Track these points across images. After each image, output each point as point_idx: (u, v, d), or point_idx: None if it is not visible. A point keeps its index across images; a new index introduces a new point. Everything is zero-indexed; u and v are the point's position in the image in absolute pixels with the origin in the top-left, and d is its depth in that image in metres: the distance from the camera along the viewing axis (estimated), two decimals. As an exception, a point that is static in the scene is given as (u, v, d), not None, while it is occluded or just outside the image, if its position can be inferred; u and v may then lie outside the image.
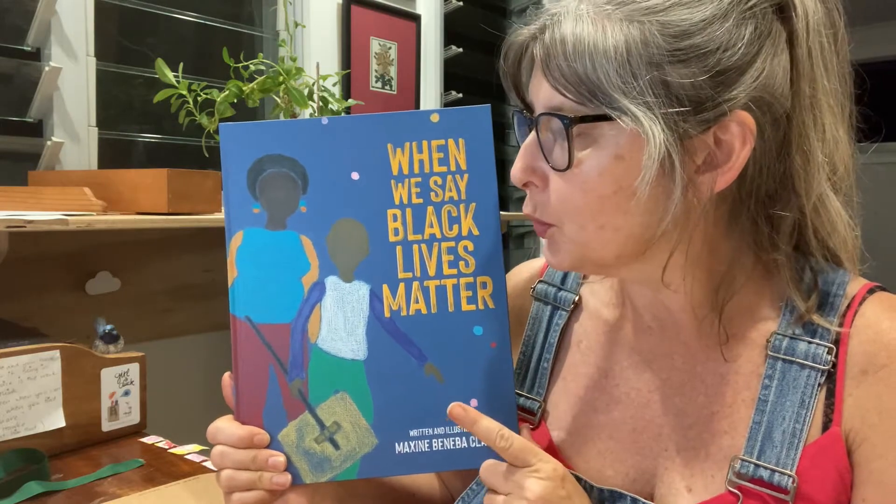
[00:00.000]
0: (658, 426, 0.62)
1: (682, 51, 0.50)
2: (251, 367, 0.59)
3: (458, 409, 0.57)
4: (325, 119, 0.60)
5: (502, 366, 0.59)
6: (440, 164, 0.60)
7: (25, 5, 1.33)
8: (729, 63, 0.50)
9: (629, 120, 0.50)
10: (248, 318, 0.59)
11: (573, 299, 0.70)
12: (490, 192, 0.60)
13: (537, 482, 0.54)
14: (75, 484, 0.90)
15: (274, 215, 0.59)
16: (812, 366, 0.56)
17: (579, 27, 0.51)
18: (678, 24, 0.50)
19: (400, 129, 0.60)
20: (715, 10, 0.51)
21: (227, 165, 0.60)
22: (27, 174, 1.30)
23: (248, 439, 0.58)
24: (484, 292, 0.60)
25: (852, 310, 0.57)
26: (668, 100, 0.50)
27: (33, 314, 1.23)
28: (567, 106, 0.53)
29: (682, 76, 0.50)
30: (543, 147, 0.55)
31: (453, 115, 0.60)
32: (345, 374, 0.59)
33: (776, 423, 0.56)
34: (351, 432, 0.59)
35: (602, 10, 0.51)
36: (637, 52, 0.50)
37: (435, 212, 0.60)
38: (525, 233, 2.56)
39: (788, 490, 0.53)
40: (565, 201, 0.55)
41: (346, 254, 0.59)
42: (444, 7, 2.14)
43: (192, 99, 1.29)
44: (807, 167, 0.54)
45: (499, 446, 0.56)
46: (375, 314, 0.59)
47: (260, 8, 1.84)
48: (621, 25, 0.50)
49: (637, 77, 0.50)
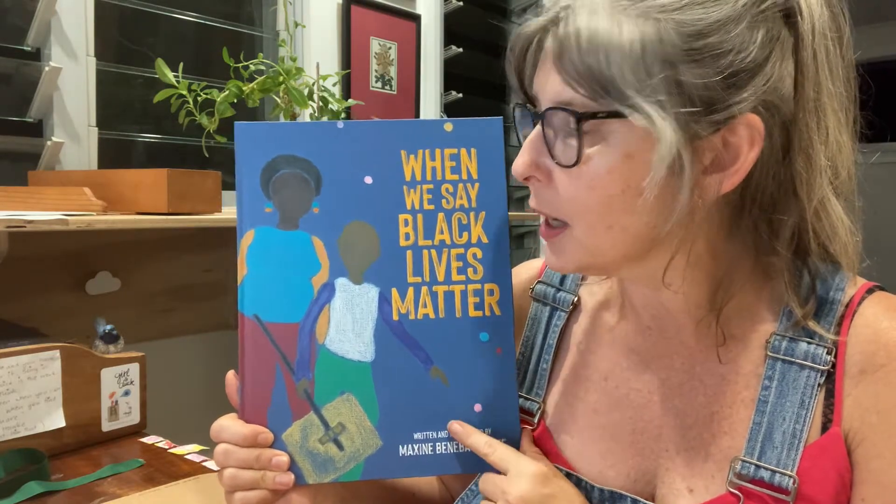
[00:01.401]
0: (658, 427, 0.62)
1: (697, 50, 0.50)
2: (257, 365, 0.59)
3: (457, 426, 0.60)
4: (340, 123, 0.61)
5: (506, 372, 0.60)
6: (452, 173, 0.61)
7: (25, 5, 1.33)
8: (741, 65, 0.50)
9: (642, 118, 0.50)
10: (256, 316, 0.59)
11: (572, 300, 0.70)
12: (500, 201, 0.61)
13: (517, 484, 0.55)
14: (75, 484, 0.90)
15: (286, 215, 0.60)
16: (812, 366, 0.56)
17: (594, 21, 0.51)
18: (693, 24, 0.50)
19: (414, 137, 0.61)
20: (730, 11, 0.50)
21: (241, 164, 0.60)
22: (27, 174, 1.30)
23: (252, 438, 0.58)
24: (491, 299, 0.61)
25: (851, 310, 0.57)
26: (681, 99, 0.50)
27: (33, 314, 1.23)
28: (577, 101, 0.52)
29: (696, 76, 0.50)
30: (549, 142, 0.55)
31: (466, 126, 0.61)
32: (351, 375, 0.59)
33: (776, 424, 0.56)
34: (355, 434, 0.59)
35: (618, 4, 0.51)
36: (652, 50, 0.49)
37: (445, 218, 0.61)
38: (525, 233, 2.56)
39: (789, 491, 0.53)
40: (573, 199, 0.54)
41: (356, 256, 0.60)
42: (444, 7, 2.14)
43: (192, 99, 1.28)
44: (809, 171, 0.54)
45: (483, 452, 0.58)
46: (384, 317, 0.60)
47: (260, 8, 1.84)
48: (637, 22, 0.50)
49: (651, 75, 0.49)
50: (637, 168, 0.52)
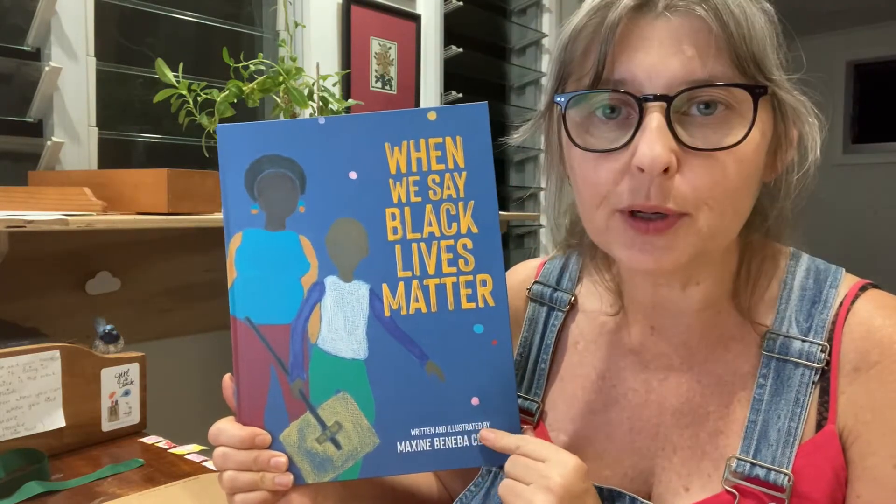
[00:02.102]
0: (655, 426, 0.62)
1: (781, 37, 0.54)
2: (252, 367, 0.59)
3: (489, 434, 0.58)
4: (322, 119, 0.60)
5: (503, 363, 0.59)
6: (438, 163, 0.59)
7: (25, 5, 1.33)
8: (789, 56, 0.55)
9: (792, 97, 0.53)
10: (248, 318, 0.59)
11: (569, 300, 0.70)
12: (489, 189, 0.59)
13: (562, 472, 0.53)
14: (75, 484, 0.90)
15: (273, 216, 0.59)
16: (806, 364, 0.56)
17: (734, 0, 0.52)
18: (773, 13, 0.54)
19: (397, 128, 0.60)
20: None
21: (224, 167, 0.60)
22: (27, 174, 1.30)
23: (250, 440, 0.58)
24: (484, 290, 0.59)
25: (845, 308, 0.57)
26: (787, 78, 0.54)
27: (33, 314, 1.23)
28: (728, 78, 0.51)
29: (785, 59, 0.54)
30: (680, 127, 0.52)
31: (450, 113, 0.60)
32: (346, 373, 0.59)
33: (771, 422, 0.56)
34: (352, 432, 0.59)
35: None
36: (771, 32, 0.53)
37: (434, 210, 0.59)
38: (525, 233, 2.56)
39: (784, 488, 0.54)
40: (717, 184, 0.52)
41: (345, 253, 0.59)
42: (444, 7, 2.14)
43: (192, 99, 1.29)
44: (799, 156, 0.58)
45: (516, 445, 0.56)
46: (375, 313, 0.59)
47: (260, 8, 1.84)
48: (754, 6, 0.52)
49: (778, 54, 0.53)
50: (762, 147, 0.54)
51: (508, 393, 0.60)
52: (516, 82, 2.59)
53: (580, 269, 0.72)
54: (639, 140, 0.51)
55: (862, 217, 4.33)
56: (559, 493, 0.52)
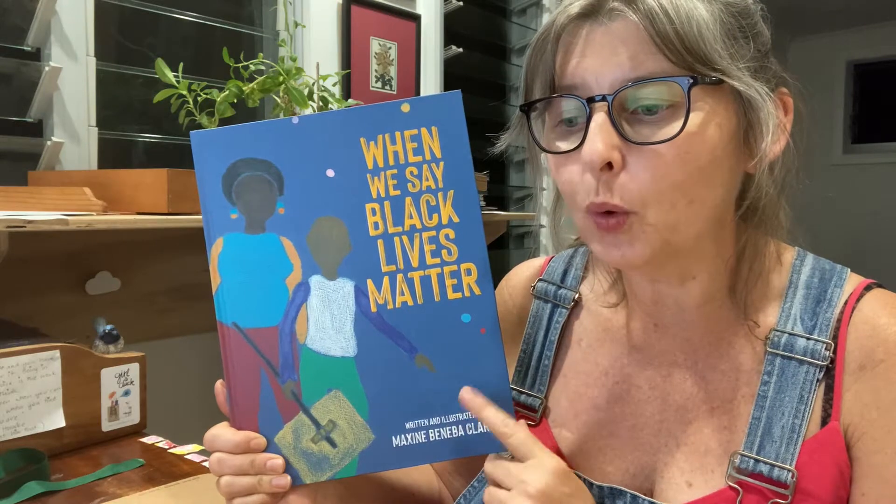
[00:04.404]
0: (658, 422, 0.62)
1: (747, 28, 0.54)
2: (242, 372, 0.59)
3: (468, 393, 0.57)
4: (295, 118, 0.59)
5: (493, 352, 0.59)
6: (415, 154, 0.59)
7: (25, 5, 1.33)
8: (767, 47, 0.56)
9: (740, 84, 0.52)
10: (235, 323, 0.59)
11: (573, 297, 0.70)
12: (467, 178, 0.59)
13: (540, 477, 0.53)
14: (75, 484, 0.90)
15: (252, 219, 0.59)
16: (811, 361, 0.56)
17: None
18: (736, 5, 0.54)
19: (371, 122, 0.59)
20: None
21: (201, 173, 0.59)
22: (27, 174, 1.30)
23: (245, 444, 0.58)
24: (469, 279, 0.59)
25: (850, 306, 0.57)
26: (753, 67, 0.54)
27: (33, 314, 1.22)
28: (670, 72, 0.52)
29: (750, 49, 0.54)
30: (623, 123, 0.53)
31: (424, 104, 0.59)
32: (336, 371, 0.59)
33: (775, 419, 0.56)
34: (347, 429, 0.59)
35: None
36: (723, 23, 0.53)
37: (413, 202, 0.59)
38: (525, 233, 2.56)
39: (788, 484, 0.54)
40: (661, 178, 0.53)
41: (327, 252, 0.59)
42: (444, 7, 2.14)
43: (192, 99, 1.28)
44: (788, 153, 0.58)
45: (501, 432, 0.55)
46: (362, 310, 0.59)
47: (260, 8, 1.84)
48: (700, 1, 0.53)
49: (732, 45, 0.53)
50: (720, 137, 0.54)
51: (500, 381, 0.59)
52: (516, 82, 2.59)
53: (584, 267, 0.73)
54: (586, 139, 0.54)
55: (862, 217, 4.35)
56: (538, 498, 0.52)
